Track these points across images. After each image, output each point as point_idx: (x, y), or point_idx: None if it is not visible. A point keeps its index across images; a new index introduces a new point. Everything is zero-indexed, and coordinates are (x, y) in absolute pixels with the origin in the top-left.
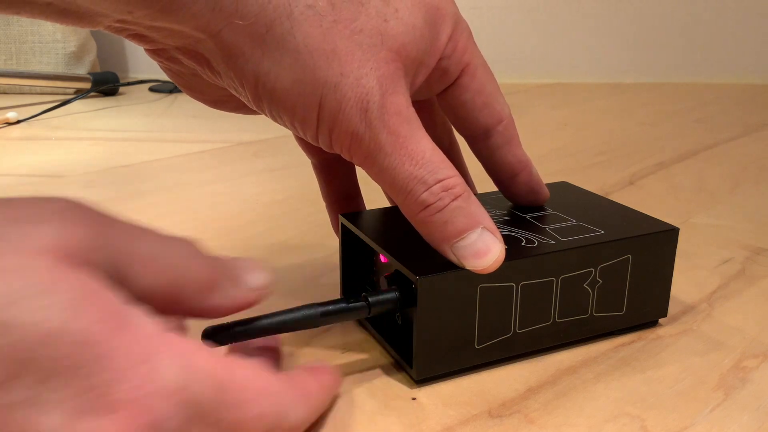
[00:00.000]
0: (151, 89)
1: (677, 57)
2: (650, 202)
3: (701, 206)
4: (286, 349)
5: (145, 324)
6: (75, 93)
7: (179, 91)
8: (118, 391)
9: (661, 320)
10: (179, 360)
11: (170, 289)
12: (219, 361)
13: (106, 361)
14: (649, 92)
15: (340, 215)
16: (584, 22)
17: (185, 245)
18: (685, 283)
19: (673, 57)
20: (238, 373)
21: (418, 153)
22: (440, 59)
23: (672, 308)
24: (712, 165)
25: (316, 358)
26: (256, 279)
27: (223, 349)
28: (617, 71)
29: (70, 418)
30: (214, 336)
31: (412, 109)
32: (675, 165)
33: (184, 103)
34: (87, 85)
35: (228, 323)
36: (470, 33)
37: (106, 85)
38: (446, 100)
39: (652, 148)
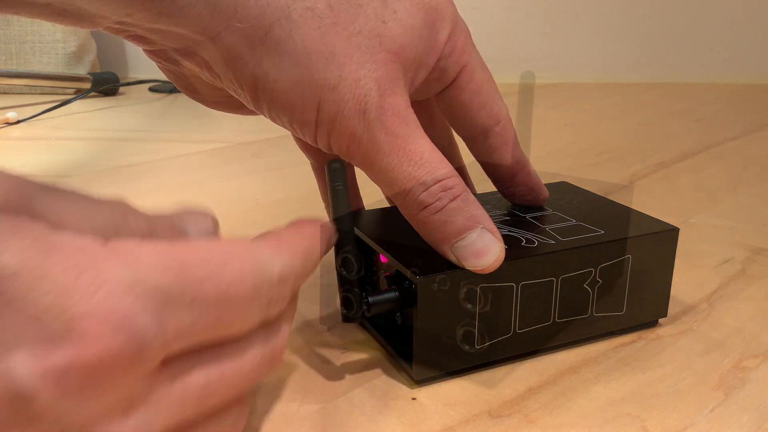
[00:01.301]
0: (151, 89)
1: (677, 57)
2: (650, 202)
3: (701, 206)
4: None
5: (76, 240)
6: (75, 93)
7: (179, 91)
8: (71, 306)
9: (661, 320)
10: (122, 259)
11: None
12: (169, 245)
13: (46, 283)
14: (649, 92)
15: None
16: (585, 22)
17: (115, 207)
18: (685, 283)
19: (673, 57)
20: (196, 246)
21: (417, 153)
22: (438, 59)
23: (672, 308)
24: (712, 165)
25: (316, 357)
26: (200, 227)
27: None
28: (617, 71)
29: (37, 355)
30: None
31: (411, 110)
32: (675, 165)
33: (184, 103)
34: (87, 85)
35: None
36: (468, 33)
37: (106, 85)
38: (444, 100)
39: (652, 148)
